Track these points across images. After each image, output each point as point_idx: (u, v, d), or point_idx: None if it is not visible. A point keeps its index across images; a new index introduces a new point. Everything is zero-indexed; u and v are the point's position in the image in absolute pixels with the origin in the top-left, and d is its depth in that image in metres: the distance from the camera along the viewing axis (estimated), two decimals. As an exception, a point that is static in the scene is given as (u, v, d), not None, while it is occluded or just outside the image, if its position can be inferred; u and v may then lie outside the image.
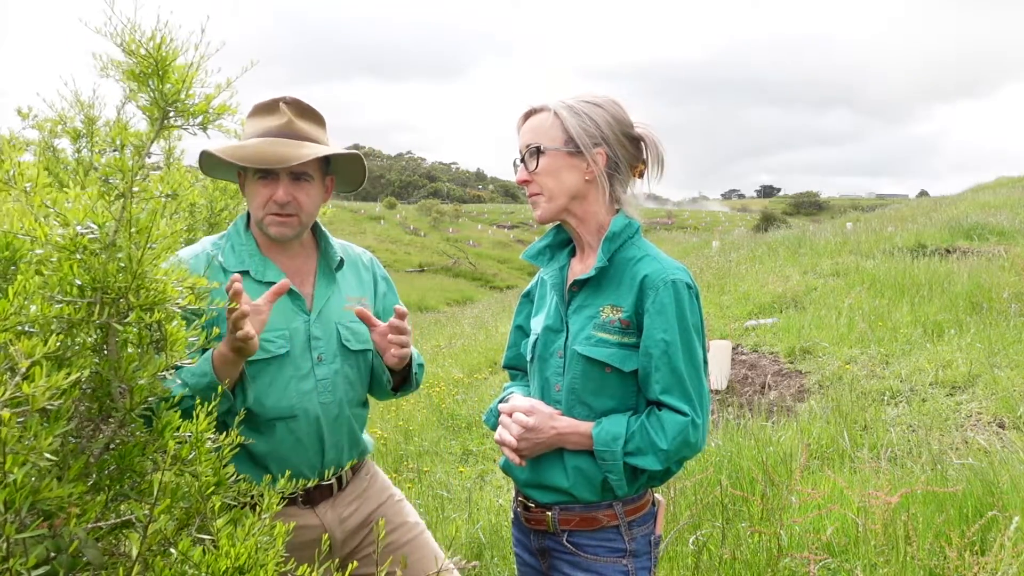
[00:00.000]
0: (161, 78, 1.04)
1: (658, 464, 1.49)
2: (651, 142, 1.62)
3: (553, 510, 1.60)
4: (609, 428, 1.51)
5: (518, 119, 1.63)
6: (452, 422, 6.31)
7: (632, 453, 1.50)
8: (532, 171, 1.57)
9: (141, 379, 0.99)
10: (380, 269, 2.02)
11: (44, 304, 0.89)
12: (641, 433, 1.49)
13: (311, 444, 1.74)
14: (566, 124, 1.55)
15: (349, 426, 1.81)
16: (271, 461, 1.71)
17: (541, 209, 1.59)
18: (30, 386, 0.78)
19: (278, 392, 1.70)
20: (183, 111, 1.07)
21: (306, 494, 1.76)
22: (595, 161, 1.55)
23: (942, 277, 8.41)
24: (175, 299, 1.03)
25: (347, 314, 1.83)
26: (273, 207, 1.70)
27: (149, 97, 1.05)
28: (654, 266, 1.54)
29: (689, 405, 1.49)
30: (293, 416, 1.71)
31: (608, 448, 1.50)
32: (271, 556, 1.02)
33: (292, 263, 1.80)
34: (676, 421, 1.48)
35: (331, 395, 1.76)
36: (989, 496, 3.15)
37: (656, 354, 1.49)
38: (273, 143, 1.67)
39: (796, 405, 5.64)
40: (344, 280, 1.88)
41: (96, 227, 0.98)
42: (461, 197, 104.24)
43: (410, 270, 36.29)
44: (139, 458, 1.00)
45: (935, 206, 18.40)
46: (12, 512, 0.77)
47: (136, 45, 1.01)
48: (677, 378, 1.49)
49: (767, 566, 2.76)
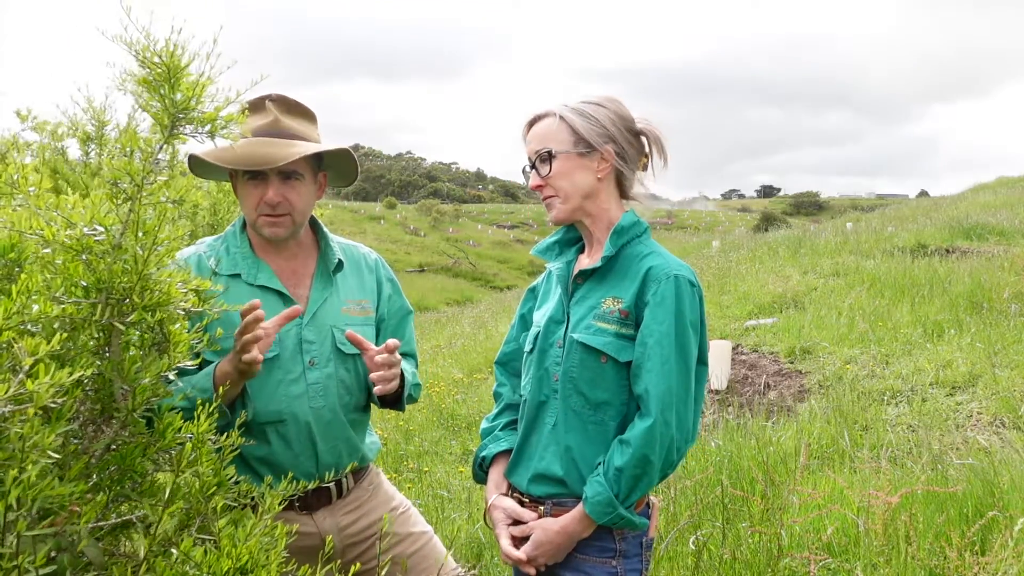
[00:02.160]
0: (172, 86, 1.05)
1: (652, 481, 1.51)
2: (653, 135, 1.65)
3: (546, 504, 1.60)
4: (597, 499, 1.50)
5: (523, 127, 1.66)
6: (452, 422, 6.31)
7: (629, 497, 1.50)
8: (545, 176, 1.60)
9: (143, 380, 0.99)
10: (386, 270, 1.98)
11: (47, 304, 0.89)
12: (625, 479, 1.48)
13: (302, 449, 1.71)
14: (574, 126, 1.58)
15: (344, 431, 1.78)
16: (264, 466, 1.69)
17: (556, 211, 1.62)
18: (34, 383, 0.78)
19: (266, 396, 1.67)
20: (192, 119, 1.08)
21: (303, 500, 1.73)
22: (606, 158, 1.59)
23: (942, 277, 8.41)
24: (178, 301, 1.03)
25: (344, 317, 1.80)
26: (265, 208, 1.68)
27: (159, 105, 1.06)
28: (659, 261, 1.57)
29: (665, 402, 1.48)
30: (282, 420, 1.68)
31: (612, 514, 1.50)
32: (273, 557, 1.02)
33: (288, 264, 1.77)
34: (639, 433, 1.48)
35: (323, 400, 1.73)
36: (990, 496, 3.15)
37: (650, 343, 1.50)
38: (260, 143, 1.64)
39: (796, 405, 5.64)
40: (344, 282, 1.84)
41: (103, 229, 0.99)
42: (461, 197, 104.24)
43: (410, 270, 36.29)
44: (140, 459, 1.00)
45: (935, 206, 18.40)
46: (25, 509, 0.78)
47: (150, 54, 1.02)
48: (664, 374, 1.49)
49: (767, 566, 2.76)
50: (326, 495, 1.77)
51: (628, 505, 1.51)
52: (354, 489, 1.84)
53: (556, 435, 1.60)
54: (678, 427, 1.50)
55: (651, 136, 1.65)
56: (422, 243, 47.74)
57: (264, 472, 1.67)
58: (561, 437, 1.59)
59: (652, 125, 1.66)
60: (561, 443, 1.59)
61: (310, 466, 1.72)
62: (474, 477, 1.81)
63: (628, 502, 1.51)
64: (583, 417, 1.58)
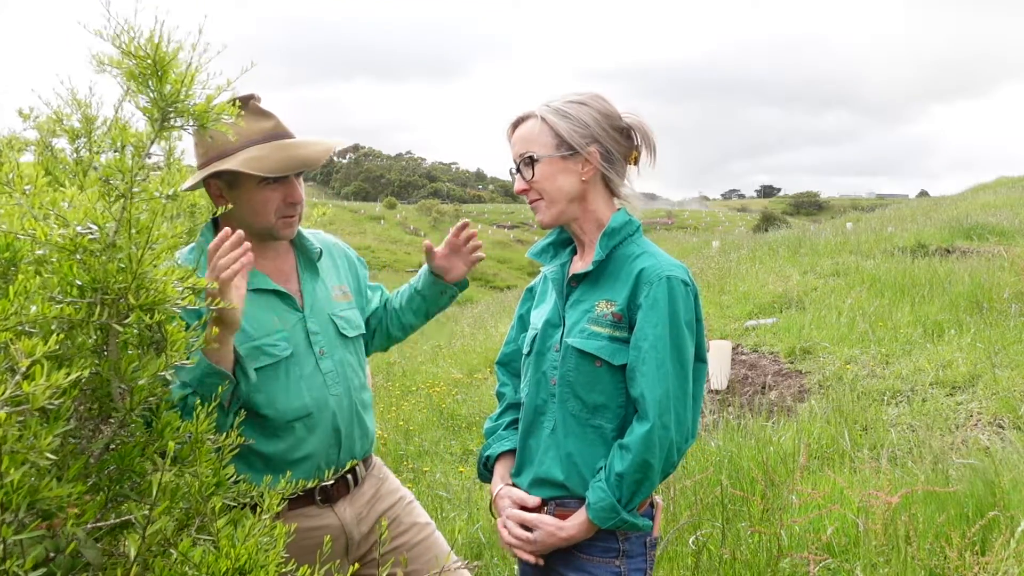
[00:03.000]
0: (160, 79, 1.03)
1: (653, 484, 1.51)
2: (640, 130, 1.62)
3: (549, 505, 1.60)
4: (600, 505, 1.50)
5: (507, 129, 1.64)
6: (452, 422, 6.31)
7: (632, 501, 1.50)
8: (529, 180, 1.58)
9: (141, 380, 0.99)
10: (351, 251, 2.03)
11: (45, 304, 0.89)
12: (626, 484, 1.48)
13: (329, 438, 1.73)
14: (555, 128, 1.55)
15: (357, 413, 1.81)
16: (287, 464, 1.67)
17: (542, 214, 1.60)
18: (30, 385, 0.78)
19: (292, 393, 1.69)
20: (183, 112, 1.06)
21: (324, 492, 1.74)
22: (589, 160, 1.56)
23: (942, 277, 8.40)
24: (175, 300, 1.02)
25: (336, 304, 1.83)
26: (287, 209, 1.69)
27: (148, 98, 1.05)
28: (651, 262, 1.54)
29: (662, 405, 1.47)
30: (309, 414, 1.70)
31: (615, 518, 1.50)
32: (272, 557, 1.01)
33: (273, 264, 1.78)
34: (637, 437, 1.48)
35: (340, 385, 1.76)
36: (990, 496, 3.15)
37: (644, 347, 1.49)
38: (289, 146, 1.66)
39: (796, 405, 5.64)
40: (324, 270, 1.87)
41: (96, 227, 0.98)
42: (461, 197, 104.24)
43: (410, 270, 36.27)
44: (139, 459, 1.00)
45: (935, 206, 18.41)
46: (10, 513, 0.77)
47: (135, 47, 1.00)
48: (660, 377, 1.48)
49: (767, 566, 2.76)
50: (344, 485, 1.79)
51: (631, 508, 1.51)
52: (367, 478, 1.86)
53: (555, 439, 1.60)
54: (677, 429, 1.49)
55: (639, 130, 1.62)
56: (422, 243, 47.71)
57: (288, 470, 1.63)
58: (561, 442, 1.59)
59: (639, 118, 1.62)
60: (561, 448, 1.58)
61: (334, 454, 1.75)
62: (479, 476, 1.81)
63: (631, 506, 1.51)
64: (581, 421, 1.57)
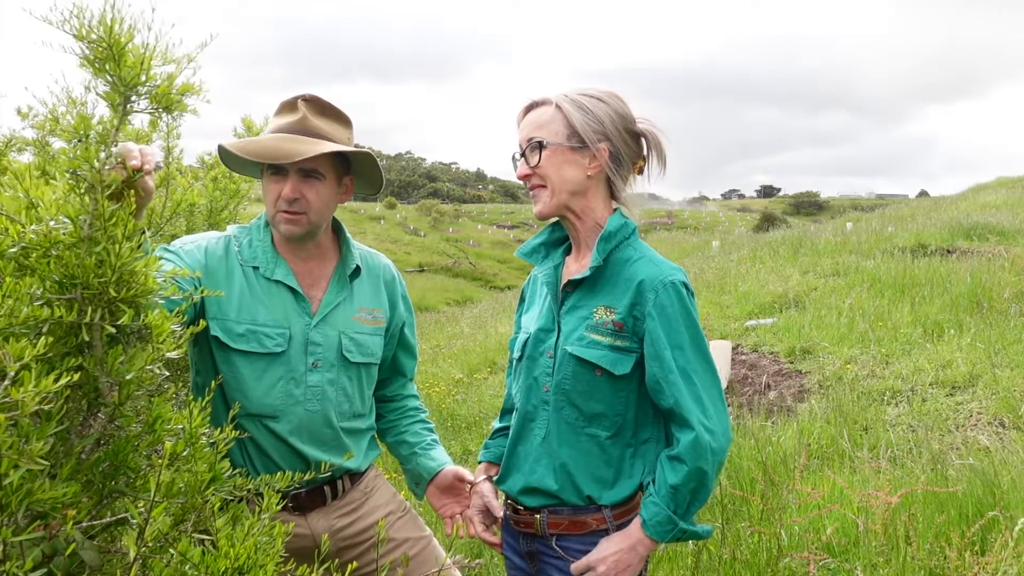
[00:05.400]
0: (117, 62, 0.99)
1: (709, 490, 1.49)
2: (653, 139, 1.59)
3: (542, 513, 1.58)
4: (655, 520, 1.47)
5: (518, 112, 1.60)
6: (452, 422, 6.30)
7: (689, 511, 1.48)
8: (534, 166, 1.54)
9: (129, 374, 0.97)
10: (402, 287, 1.97)
11: (35, 307, 0.87)
12: (682, 495, 1.46)
13: (290, 449, 1.70)
14: (570, 118, 1.52)
15: (338, 438, 1.76)
16: (256, 458, 1.69)
17: (542, 204, 1.56)
18: (19, 391, 0.76)
19: (264, 389, 1.67)
20: (145, 94, 1.03)
21: (296, 500, 1.72)
22: (597, 157, 1.53)
23: (942, 277, 8.40)
24: (157, 291, 1.00)
25: (354, 324, 1.79)
26: (282, 204, 1.68)
27: (107, 82, 1.01)
28: (650, 269, 1.51)
29: (701, 411, 1.45)
30: (274, 416, 1.68)
31: (674, 531, 1.48)
32: (271, 557, 1.01)
33: (305, 265, 1.77)
34: (686, 447, 1.45)
35: (319, 404, 1.72)
36: (990, 496, 3.15)
37: (666, 356, 1.46)
38: (284, 139, 1.65)
39: (796, 405, 5.64)
40: (359, 289, 1.84)
41: (69, 220, 0.95)
42: (461, 197, 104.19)
43: (410, 270, 36.27)
44: (132, 454, 0.98)
45: (935, 206, 18.39)
46: (7, 515, 0.76)
47: (87, 31, 0.96)
48: (691, 383, 1.46)
49: (767, 566, 2.75)
50: (320, 496, 1.76)
51: (687, 518, 1.48)
52: (350, 491, 1.82)
53: (548, 448, 1.56)
54: (721, 429, 1.47)
55: (651, 138, 1.58)
56: (422, 243, 47.72)
57: (257, 463, 1.68)
58: (554, 451, 1.55)
59: (654, 127, 1.59)
60: (555, 458, 1.55)
61: (298, 466, 1.69)
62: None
63: (688, 516, 1.48)
64: (576, 429, 1.54)
